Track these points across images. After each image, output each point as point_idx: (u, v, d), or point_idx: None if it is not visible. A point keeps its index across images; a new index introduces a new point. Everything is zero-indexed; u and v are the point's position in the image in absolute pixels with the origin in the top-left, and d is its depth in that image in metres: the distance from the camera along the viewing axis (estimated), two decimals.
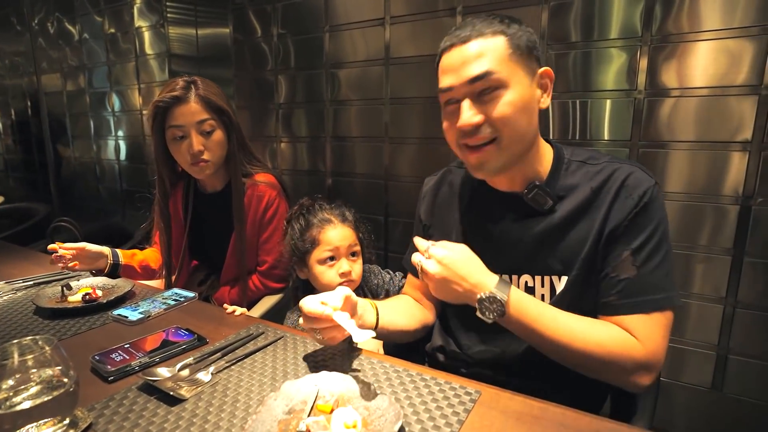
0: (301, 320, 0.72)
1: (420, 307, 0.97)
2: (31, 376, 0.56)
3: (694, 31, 1.22)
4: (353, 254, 1.11)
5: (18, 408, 0.54)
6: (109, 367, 0.70)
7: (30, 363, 0.56)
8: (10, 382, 0.55)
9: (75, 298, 0.97)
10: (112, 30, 2.51)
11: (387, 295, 1.21)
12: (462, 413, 0.61)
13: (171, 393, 0.64)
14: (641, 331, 0.72)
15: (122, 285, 1.05)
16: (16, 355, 0.56)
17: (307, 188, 1.96)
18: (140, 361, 0.73)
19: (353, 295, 0.75)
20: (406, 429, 0.58)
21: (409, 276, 1.03)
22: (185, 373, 0.70)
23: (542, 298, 0.81)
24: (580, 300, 0.78)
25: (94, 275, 1.14)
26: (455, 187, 0.93)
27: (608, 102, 1.36)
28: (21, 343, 0.57)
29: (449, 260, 0.73)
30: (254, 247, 1.25)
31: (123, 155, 2.65)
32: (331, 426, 0.55)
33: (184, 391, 0.65)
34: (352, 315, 0.74)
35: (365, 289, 1.19)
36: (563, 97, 1.41)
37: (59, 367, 0.58)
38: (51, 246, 1.06)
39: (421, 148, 1.67)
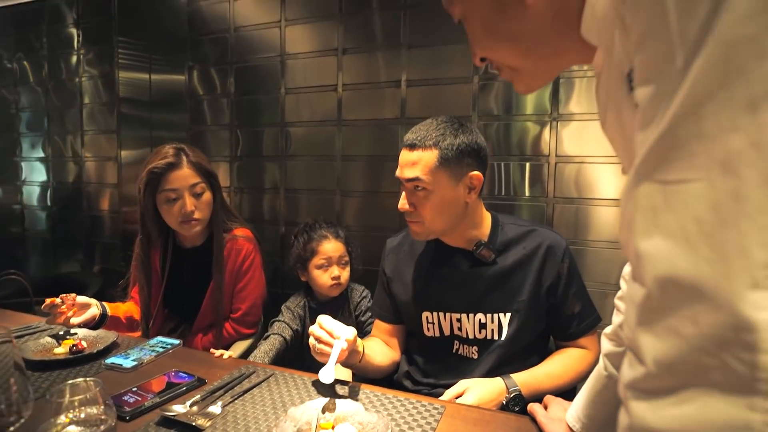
0: (314, 327, 0.95)
1: (389, 348, 1.18)
2: (80, 413, 0.67)
3: (591, 111, 1.58)
4: (343, 263, 1.46)
5: None
6: (125, 407, 0.81)
7: (77, 402, 0.67)
8: (63, 418, 0.66)
9: (61, 350, 1.04)
10: (56, 75, 2.53)
11: (365, 319, 1.49)
12: (433, 422, 0.81)
13: (193, 423, 0.77)
14: (589, 343, 1.10)
15: (106, 336, 1.13)
16: (68, 394, 0.67)
17: (264, 236, 2.10)
18: (152, 401, 0.84)
19: (357, 338, 0.97)
20: None
21: (377, 321, 1.24)
22: (195, 408, 0.83)
23: (492, 332, 1.07)
24: (523, 334, 1.07)
25: (81, 327, 1.19)
26: (415, 247, 1.18)
27: (528, 165, 1.69)
28: (74, 383, 0.68)
29: (479, 400, 0.94)
30: (230, 295, 1.38)
31: (55, 202, 2.61)
32: None
33: (201, 423, 0.78)
34: (349, 348, 0.94)
35: (350, 302, 1.48)
36: (490, 160, 1.71)
37: (102, 407, 0.69)
38: (51, 299, 1.12)
39: (369, 200, 1.90)
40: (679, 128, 0.32)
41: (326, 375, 0.88)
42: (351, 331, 0.94)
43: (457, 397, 0.95)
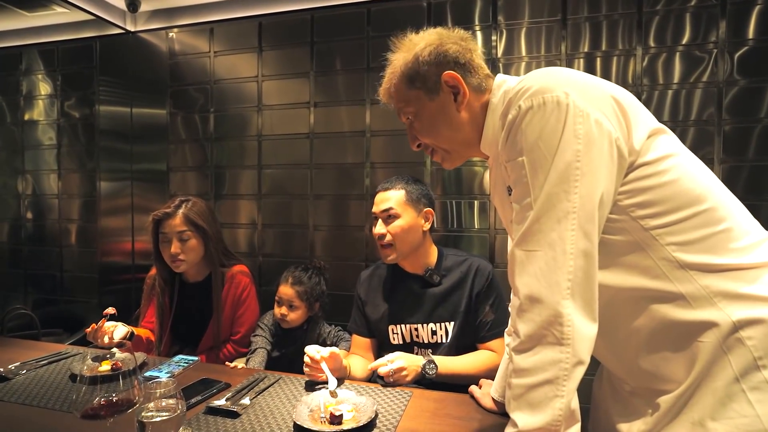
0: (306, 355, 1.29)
1: (365, 360, 1.58)
2: (161, 403, 1.01)
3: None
4: (291, 306, 1.75)
5: (154, 420, 0.99)
6: None
7: (159, 394, 1.01)
8: (151, 405, 1.00)
9: (104, 368, 1.35)
10: (32, 115, 2.77)
11: (326, 343, 1.82)
12: (405, 402, 1.20)
13: (234, 409, 1.12)
14: (497, 347, 1.48)
15: (136, 356, 1.44)
16: (155, 389, 1.01)
17: None
18: (197, 399, 1.18)
19: (341, 355, 1.33)
20: (378, 413, 1.14)
21: (355, 337, 1.66)
22: (230, 402, 1.17)
23: (441, 337, 1.50)
24: (464, 337, 1.50)
25: (121, 342, 1.49)
26: (382, 276, 1.63)
27: (476, 202, 2.14)
28: (158, 381, 1.02)
29: (405, 362, 1.35)
30: (230, 321, 1.73)
31: (30, 239, 2.81)
32: (342, 410, 1.09)
33: (237, 409, 1.13)
34: (338, 366, 1.30)
35: (309, 337, 1.80)
36: (443, 198, 2.16)
37: (174, 399, 1.03)
38: (92, 325, 1.42)
39: (337, 234, 2.29)
40: (533, 227, 0.78)
41: (332, 383, 1.25)
42: (329, 350, 1.31)
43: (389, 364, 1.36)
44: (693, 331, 0.78)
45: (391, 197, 1.53)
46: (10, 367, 1.40)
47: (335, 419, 1.07)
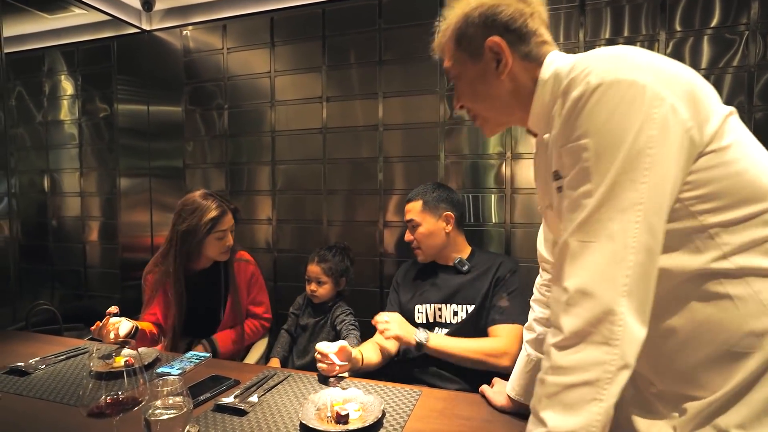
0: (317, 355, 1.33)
1: (384, 346, 1.61)
2: (168, 401, 1.02)
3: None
4: (319, 282, 1.94)
5: (161, 418, 1.00)
6: None
7: (166, 392, 1.02)
8: (158, 402, 1.00)
9: (118, 364, 1.37)
10: (55, 115, 2.84)
11: (336, 328, 1.92)
12: (413, 401, 1.18)
13: (241, 407, 1.12)
14: (503, 333, 1.55)
15: (148, 352, 1.46)
16: (161, 386, 1.01)
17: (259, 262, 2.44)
18: (206, 395, 1.19)
19: (348, 348, 1.36)
20: (385, 412, 1.13)
21: None
22: (238, 399, 1.18)
23: (461, 318, 1.60)
24: (478, 318, 1.59)
25: (127, 338, 1.51)
26: (418, 267, 1.76)
27: (493, 197, 2.09)
28: (164, 379, 1.02)
29: (396, 325, 1.47)
30: (246, 305, 1.88)
31: (55, 236, 2.89)
32: (348, 410, 1.08)
33: (245, 407, 1.13)
34: (346, 359, 1.33)
35: (331, 316, 1.94)
36: (458, 192, 2.11)
37: (182, 397, 1.04)
38: (97, 323, 1.46)
39: (350, 228, 2.28)
40: (592, 216, 0.71)
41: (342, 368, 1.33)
42: (337, 344, 1.34)
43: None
44: (738, 338, 0.71)
45: (412, 208, 1.73)
46: (30, 361, 1.44)
47: (341, 419, 1.06)
